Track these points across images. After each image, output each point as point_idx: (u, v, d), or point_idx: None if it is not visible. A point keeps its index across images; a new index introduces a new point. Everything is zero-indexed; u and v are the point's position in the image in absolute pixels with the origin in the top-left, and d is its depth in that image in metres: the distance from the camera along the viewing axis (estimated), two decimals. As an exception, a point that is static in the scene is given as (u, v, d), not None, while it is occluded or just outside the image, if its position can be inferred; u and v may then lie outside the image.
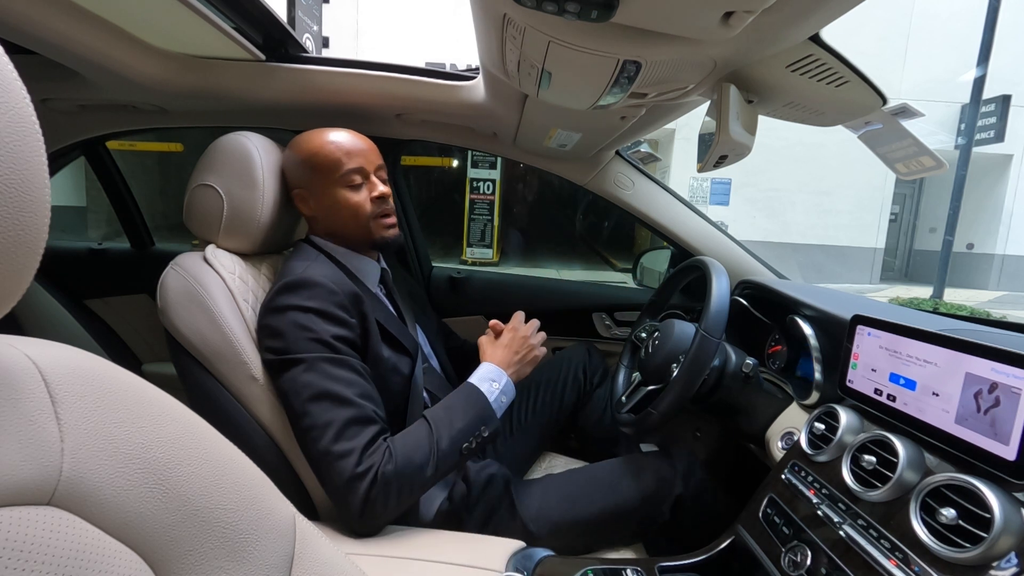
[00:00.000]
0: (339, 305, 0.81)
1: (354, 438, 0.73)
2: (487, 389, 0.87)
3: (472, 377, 0.89)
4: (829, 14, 0.52)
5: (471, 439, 0.82)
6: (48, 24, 0.76)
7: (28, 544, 0.25)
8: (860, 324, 0.74)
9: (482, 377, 0.89)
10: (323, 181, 0.89)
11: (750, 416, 0.95)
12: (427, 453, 0.77)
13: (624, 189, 1.34)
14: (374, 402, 0.78)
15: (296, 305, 0.79)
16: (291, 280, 0.81)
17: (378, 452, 0.74)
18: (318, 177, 0.89)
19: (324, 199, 0.90)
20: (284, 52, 1.05)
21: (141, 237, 1.61)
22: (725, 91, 0.68)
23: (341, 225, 0.91)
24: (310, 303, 0.79)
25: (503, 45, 0.64)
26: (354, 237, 0.92)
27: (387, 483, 0.72)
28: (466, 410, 0.83)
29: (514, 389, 0.91)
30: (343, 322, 0.80)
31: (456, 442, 0.80)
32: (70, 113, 1.27)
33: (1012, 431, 0.51)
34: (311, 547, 0.44)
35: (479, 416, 0.83)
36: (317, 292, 0.80)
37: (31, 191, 0.24)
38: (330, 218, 0.91)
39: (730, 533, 0.79)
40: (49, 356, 0.30)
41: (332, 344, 0.78)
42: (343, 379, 0.76)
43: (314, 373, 0.75)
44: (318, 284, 0.80)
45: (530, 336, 0.96)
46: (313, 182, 0.89)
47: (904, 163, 0.87)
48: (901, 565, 0.55)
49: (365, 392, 0.78)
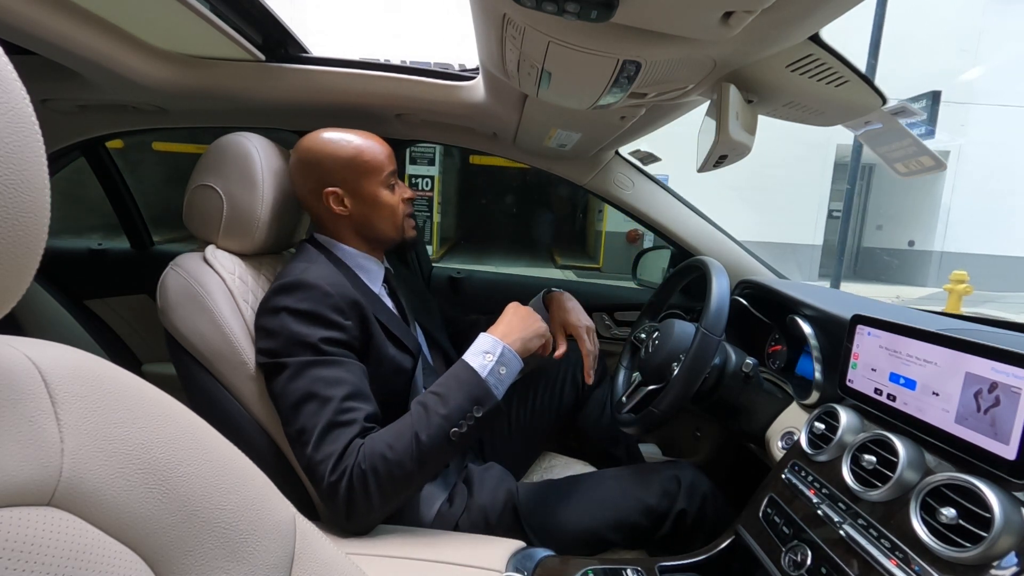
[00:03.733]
0: (333, 307, 0.80)
1: (333, 442, 0.72)
2: (479, 364, 0.80)
3: (466, 354, 0.83)
4: (829, 14, 0.52)
5: (460, 423, 0.75)
6: (48, 24, 0.76)
7: (28, 545, 0.25)
8: (860, 324, 0.74)
9: (475, 351, 0.83)
10: (368, 181, 0.90)
11: (750, 416, 0.95)
12: (407, 444, 0.73)
13: (624, 189, 1.34)
14: (364, 400, 0.77)
15: (288, 307, 0.78)
16: (286, 281, 0.81)
17: (350, 454, 0.72)
18: (361, 176, 0.89)
19: (366, 198, 0.91)
20: (284, 52, 1.05)
21: (141, 237, 1.61)
22: (725, 91, 0.68)
23: (376, 222, 0.92)
24: (302, 305, 0.78)
25: (503, 45, 0.64)
26: (385, 235, 0.94)
27: (364, 482, 0.71)
28: (454, 391, 0.77)
29: (519, 361, 0.83)
30: (336, 324, 0.80)
31: (441, 428, 0.74)
32: (70, 113, 1.26)
33: (1012, 431, 0.51)
34: (311, 547, 0.44)
35: (469, 395, 0.77)
36: (311, 294, 0.79)
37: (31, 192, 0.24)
38: (367, 217, 0.92)
39: (730, 533, 0.79)
40: (49, 357, 0.30)
41: (320, 348, 0.77)
42: (329, 380, 0.75)
43: (300, 378, 0.75)
44: (313, 286, 0.80)
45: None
46: (354, 181, 0.90)
47: (904, 163, 0.87)
48: (901, 565, 0.55)
49: (354, 391, 0.76)
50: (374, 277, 0.96)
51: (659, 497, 0.88)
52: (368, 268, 0.95)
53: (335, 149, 0.89)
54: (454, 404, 0.76)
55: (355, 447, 0.73)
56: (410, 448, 0.73)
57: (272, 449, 0.82)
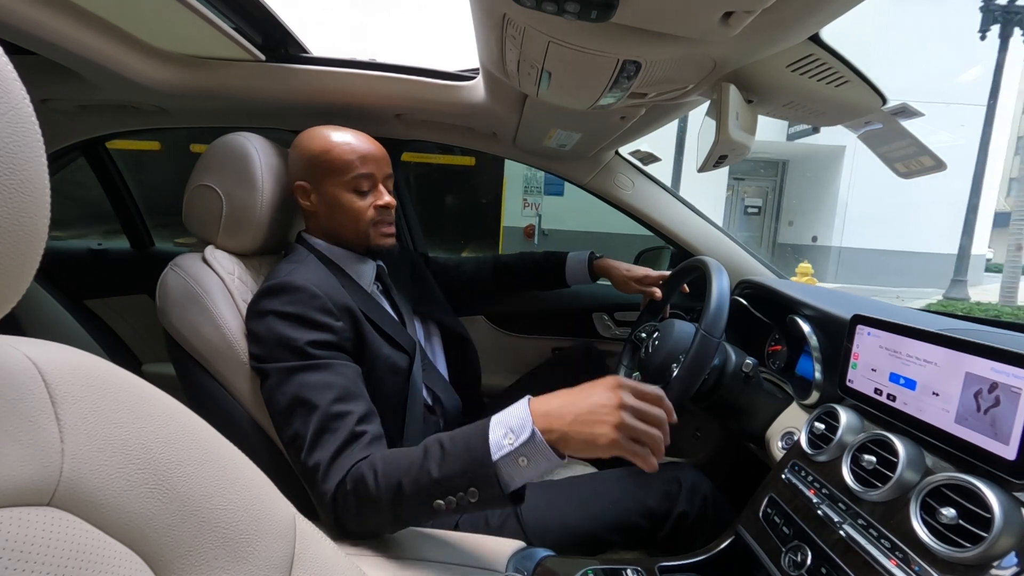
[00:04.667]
0: (321, 309, 0.78)
1: (323, 448, 0.70)
2: (496, 440, 0.60)
3: (495, 416, 0.63)
4: (829, 14, 0.52)
5: (449, 498, 0.61)
6: (48, 24, 0.76)
7: (28, 545, 0.25)
8: (860, 324, 0.74)
9: (501, 421, 0.62)
10: (329, 180, 0.88)
11: (750, 416, 0.95)
12: (390, 483, 0.64)
13: (624, 189, 1.34)
14: (355, 402, 0.75)
15: (274, 310, 0.77)
16: (272, 284, 0.80)
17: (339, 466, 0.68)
18: (325, 175, 0.88)
19: (327, 197, 0.89)
20: (284, 52, 1.05)
21: (141, 237, 1.61)
22: (725, 91, 0.68)
23: (338, 226, 0.90)
24: (288, 308, 0.77)
25: (503, 45, 0.64)
26: (349, 240, 0.92)
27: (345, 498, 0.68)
28: (455, 458, 0.61)
29: (553, 457, 0.59)
30: (324, 327, 0.78)
31: (425, 491, 0.62)
32: (70, 113, 1.26)
33: (1012, 431, 0.51)
34: (311, 547, 0.44)
35: (466, 473, 0.60)
36: (297, 297, 0.78)
37: (31, 191, 0.24)
38: (329, 217, 0.90)
39: (730, 533, 0.79)
40: (49, 357, 0.30)
41: (307, 351, 0.75)
42: (318, 384, 0.73)
43: (289, 383, 0.73)
44: (299, 288, 0.78)
45: (631, 398, 0.59)
46: (318, 178, 0.88)
47: (904, 163, 0.87)
48: (901, 565, 0.55)
49: (345, 394, 0.74)
50: (365, 276, 0.95)
51: (660, 499, 0.87)
52: (358, 267, 0.94)
53: (309, 143, 0.89)
54: (448, 473, 0.61)
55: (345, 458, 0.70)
56: (390, 488, 0.64)
57: (271, 449, 0.82)
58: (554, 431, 0.58)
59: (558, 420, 0.59)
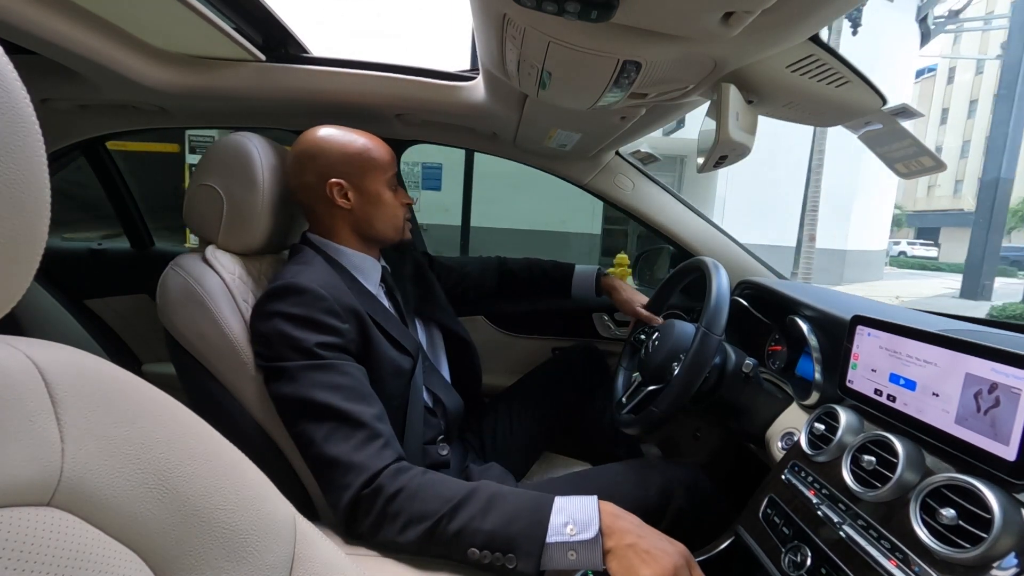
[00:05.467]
0: (327, 311, 0.78)
1: (340, 444, 0.70)
2: (555, 524, 0.60)
3: (560, 498, 0.63)
4: (829, 14, 0.52)
5: (486, 552, 0.60)
6: (48, 24, 0.76)
7: (28, 545, 0.25)
8: (860, 324, 0.74)
9: (566, 507, 0.62)
10: (373, 177, 0.90)
11: (750, 416, 0.95)
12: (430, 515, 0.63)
13: (624, 189, 1.34)
14: (369, 402, 0.76)
15: (281, 312, 0.77)
16: (278, 285, 0.80)
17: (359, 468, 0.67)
18: (367, 171, 0.89)
19: (369, 194, 0.91)
20: (284, 52, 1.05)
21: (141, 237, 1.61)
22: (725, 91, 0.68)
23: (376, 221, 0.92)
24: (295, 310, 0.77)
25: (503, 45, 0.64)
26: (387, 235, 0.94)
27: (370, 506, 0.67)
28: (511, 520, 0.61)
29: (598, 562, 0.59)
30: (331, 328, 0.78)
31: (467, 534, 0.61)
32: (70, 113, 1.27)
33: (1012, 431, 0.51)
34: (311, 548, 0.44)
35: (514, 540, 0.60)
36: (304, 298, 0.78)
37: (31, 191, 0.24)
38: (369, 213, 0.91)
39: (730, 533, 0.79)
40: (49, 357, 0.30)
41: (315, 352, 0.75)
42: (330, 383, 0.74)
43: (299, 382, 0.73)
44: (305, 290, 0.78)
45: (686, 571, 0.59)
46: (360, 175, 0.89)
47: (904, 163, 0.87)
48: (901, 565, 0.55)
49: (355, 394, 0.75)
50: (371, 277, 0.95)
51: (657, 494, 0.88)
52: (364, 268, 0.94)
53: (344, 142, 0.89)
54: (497, 528, 0.61)
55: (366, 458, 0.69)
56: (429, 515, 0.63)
57: (272, 449, 0.82)
58: (611, 540, 0.59)
59: (621, 535, 0.60)
